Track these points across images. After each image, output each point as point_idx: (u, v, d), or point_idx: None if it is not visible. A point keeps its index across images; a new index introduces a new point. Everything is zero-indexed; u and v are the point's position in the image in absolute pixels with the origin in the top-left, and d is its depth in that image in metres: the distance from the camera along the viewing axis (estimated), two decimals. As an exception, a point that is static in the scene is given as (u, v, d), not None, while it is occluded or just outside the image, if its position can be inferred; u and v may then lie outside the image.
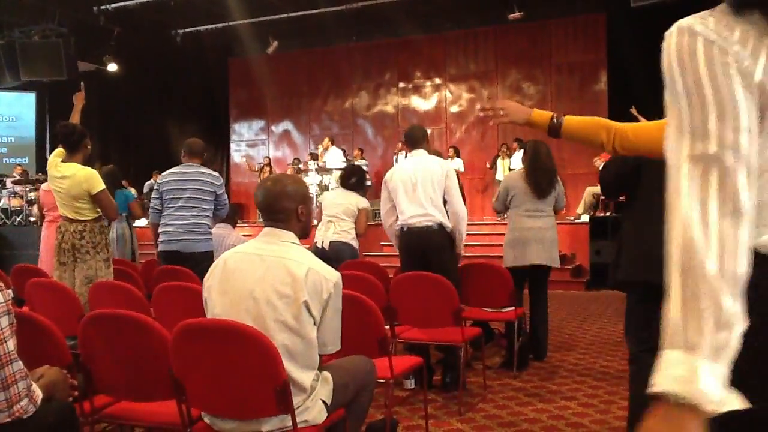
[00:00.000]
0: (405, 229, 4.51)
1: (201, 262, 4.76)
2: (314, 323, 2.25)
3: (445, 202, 4.49)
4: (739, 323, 0.93)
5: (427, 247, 4.41)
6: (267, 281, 2.24)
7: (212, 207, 5.03)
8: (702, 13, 1.09)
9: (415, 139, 4.67)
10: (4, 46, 12.08)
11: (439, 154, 4.99)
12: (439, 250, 4.42)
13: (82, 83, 5.16)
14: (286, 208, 2.38)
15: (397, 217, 4.60)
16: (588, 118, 2.18)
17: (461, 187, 5.02)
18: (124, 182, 9.66)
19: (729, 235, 0.94)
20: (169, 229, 4.95)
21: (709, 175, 0.97)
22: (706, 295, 0.93)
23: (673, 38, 1.08)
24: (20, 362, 1.96)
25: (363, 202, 5.63)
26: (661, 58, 1.11)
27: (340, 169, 12.77)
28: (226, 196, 5.15)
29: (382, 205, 4.72)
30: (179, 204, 4.93)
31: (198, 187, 4.95)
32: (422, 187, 4.44)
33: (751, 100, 1.00)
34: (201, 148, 5.15)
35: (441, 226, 4.43)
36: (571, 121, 2.16)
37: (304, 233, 2.47)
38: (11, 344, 1.93)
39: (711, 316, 0.92)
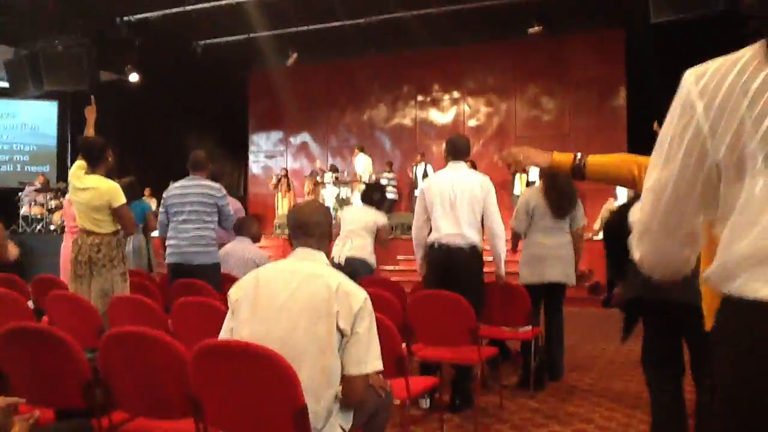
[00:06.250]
0: (436, 246, 4.38)
1: (206, 274, 4.83)
2: (342, 337, 2.24)
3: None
4: None
5: (457, 266, 4.31)
6: (299, 295, 2.27)
7: (215, 219, 5.08)
8: (723, 57, 1.12)
9: (458, 150, 4.50)
10: (29, 57, 12.23)
11: (473, 164, 4.88)
12: (468, 271, 4.34)
13: (92, 96, 5.22)
14: (319, 231, 2.47)
15: (430, 229, 4.47)
16: (614, 155, 2.15)
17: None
18: (147, 190, 9.72)
19: None
20: (173, 242, 5.04)
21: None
22: None
23: (679, 86, 1.16)
24: None
25: (382, 219, 5.67)
26: (682, 74, 1.16)
27: (362, 181, 12.86)
28: (230, 208, 5.18)
29: (416, 216, 4.55)
30: (182, 217, 5.00)
31: (199, 199, 5.01)
32: (460, 205, 4.33)
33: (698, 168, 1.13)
34: (203, 160, 5.19)
35: (474, 247, 4.35)
36: (595, 159, 2.14)
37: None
38: None
39: None
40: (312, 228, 2.45)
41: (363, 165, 13.79)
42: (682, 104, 1.13)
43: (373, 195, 5.68)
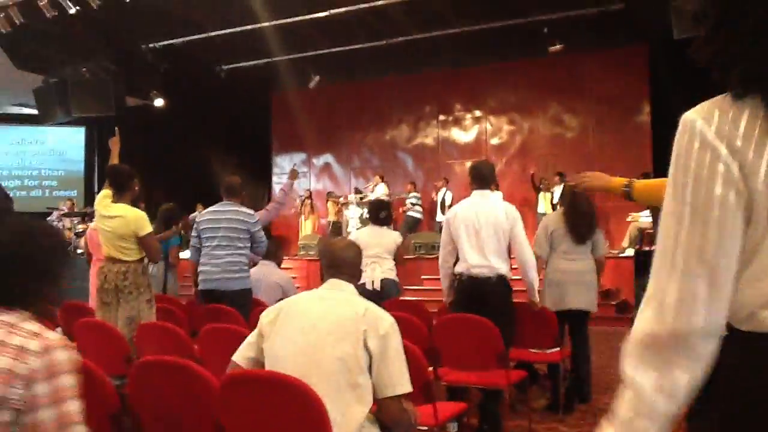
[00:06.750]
0: (465, 277, 4.35)
1: (237, 299, 4.82)
2: (370, 358, 2.30)
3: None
4: None
5: (485, 296, 4.28)
6: (327, 317, 2.38)
7: (248, 245, 5.07)
8: (713, 100, 1.09)
9: (483, 178, 4.46)
10: (56, 83, 12.51)
11: (497, 185, 4.87)
12: (496, 301, 4.30)
13: (116, 128, 5.27)
14: (350, 270, 2.67)
15: (457, 258, 4.43)
16: (657, 180, 2.39)
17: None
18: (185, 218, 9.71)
19: None
20: (206, 268, 5.04)
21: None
22: None
23: (678, 132, 1.10)
24: (82, 428, 1.70)
25: (399, 238, 5.68)
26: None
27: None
28: (262, 233, 5.16)
29: (442, 246, 4.54)
30: (215, 243, 5.00)
31: (232, 225, 5.00)
32: (486, 234, 4.29)
33: (734, 215, 1.04)
34: (238, 186, 5.18)
35: (501, 276, 4.32)
36: (639, 184, 2.42)
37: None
38: (74, 406, 1.71)
39: None
40: (345, 267, 2.64)
41: (381, 193, 13.83)
42: (700, 148, 1.05)
43: (379, 214, 5.65)
